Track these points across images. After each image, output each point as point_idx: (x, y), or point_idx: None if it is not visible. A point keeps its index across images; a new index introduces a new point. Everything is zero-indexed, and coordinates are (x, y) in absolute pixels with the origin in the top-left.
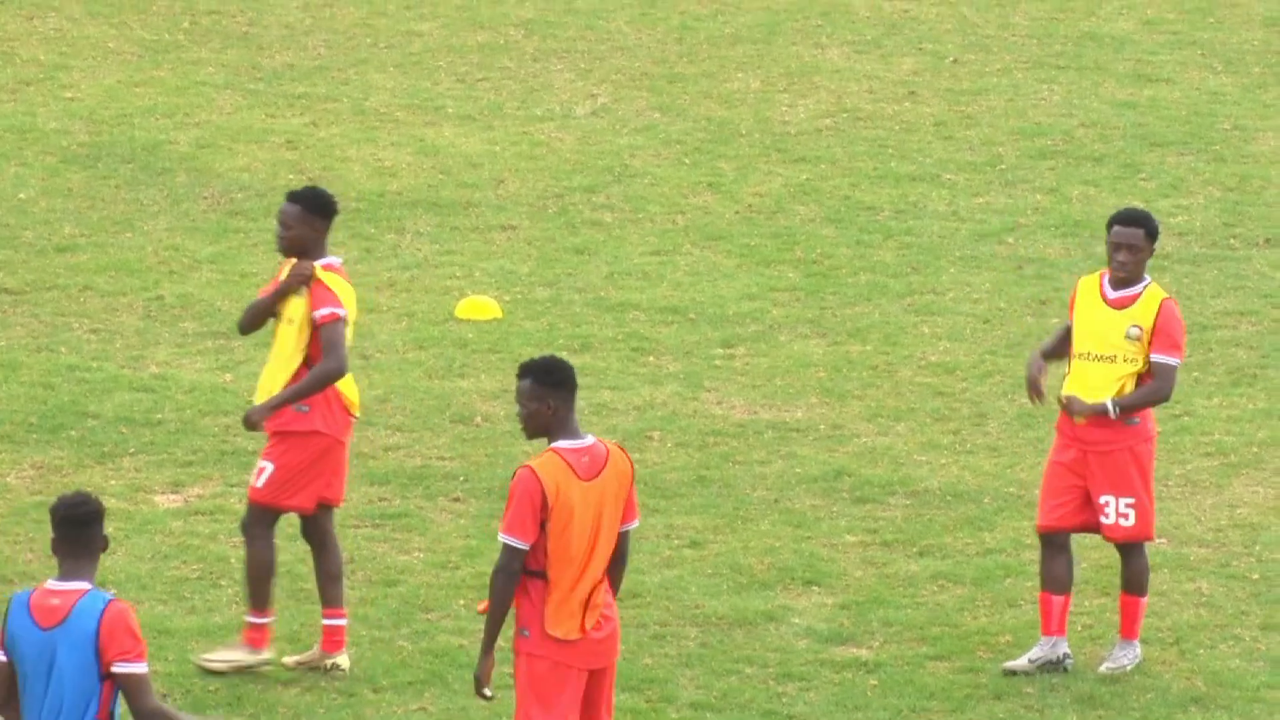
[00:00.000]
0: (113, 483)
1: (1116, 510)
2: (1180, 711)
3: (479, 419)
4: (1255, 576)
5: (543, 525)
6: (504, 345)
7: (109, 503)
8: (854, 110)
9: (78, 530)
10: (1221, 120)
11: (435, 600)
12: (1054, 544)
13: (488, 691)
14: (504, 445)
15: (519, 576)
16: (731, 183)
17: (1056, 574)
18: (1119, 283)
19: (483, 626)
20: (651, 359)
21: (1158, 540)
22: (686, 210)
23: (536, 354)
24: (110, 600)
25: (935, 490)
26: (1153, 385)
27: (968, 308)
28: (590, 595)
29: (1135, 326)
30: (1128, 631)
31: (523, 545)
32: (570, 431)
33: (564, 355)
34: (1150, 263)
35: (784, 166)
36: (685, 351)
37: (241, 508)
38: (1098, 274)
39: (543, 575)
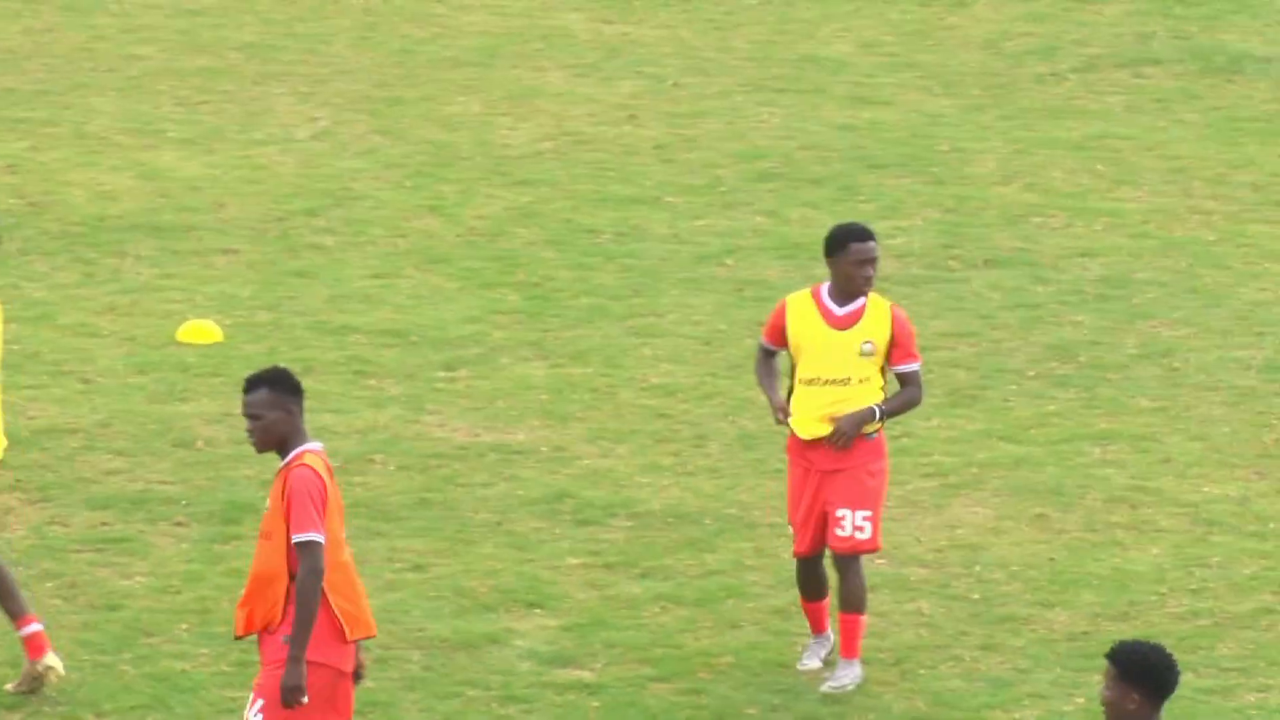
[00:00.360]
0: None
1: (853, 523)
2: None
3: (200, 443)
4: (975, 597)
5: None
6: (225, 369)
7: None
8: (574, 133)
9: None
10: (940, 142)
11: (158, 624)
12: (809, 563)
13: (305, 699)
14: (226, 469)
15: (323, 574)
16: (453, 206)
17: (814, 584)
18: (849, 298)
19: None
20: (373, 382)
21: (877, 560)
22: (408, 233)
23: None
24: None
25: (657, 512)
26: (909, 391)
27: (688, 330)
28: (360, 595)
29: (868, 343)
30: (848, 651)
31: (323, 539)
32: (307, 437)
33: None
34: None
35: (505, 189)
36: (407, 374)
37: None
38: (806, 293)
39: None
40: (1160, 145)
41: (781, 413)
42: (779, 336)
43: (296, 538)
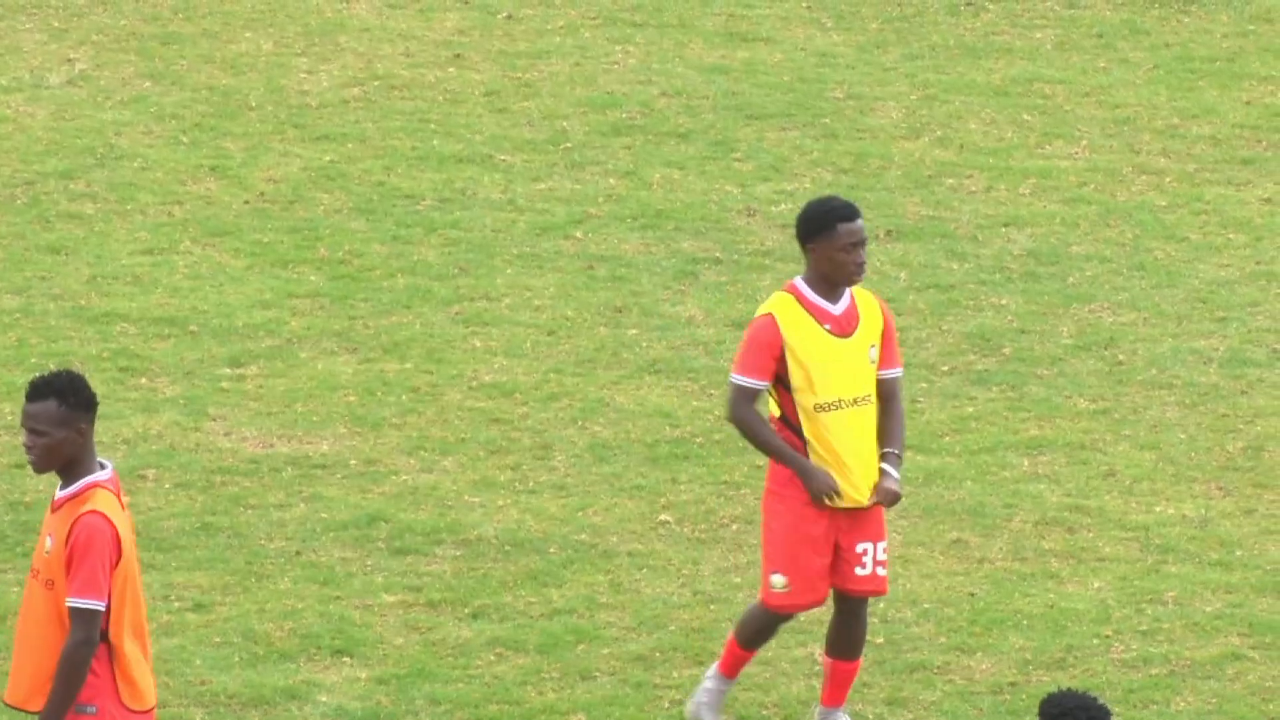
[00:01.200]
0: None
1: (874, 558)
2: None
3: None
4: (879, 640)
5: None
6: None
7: None
8: (387, 78)
9: None
10: (832, 88)
11: None
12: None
13: None
14: None
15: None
16: (240, 166)
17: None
18: (838, 292)
19: None
20: (144, 381)
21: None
22: (185, 200)
23: (4, 376)
24: None
25: (491, 539)
26: (897, 408)
27: (528, 316)
28: (144, 657)
29: (873, 347)
30: (837, 699)
31: (103, 606)
32: (95, 461)
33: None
34: (748, 262)
35: (303, 146)
36: (185, 372)
37: None
38: (785, 297)
39: (104, 638)
40: (1100, 91)
41: (835, 494)
42: (773, 364)
43: (74, 603)
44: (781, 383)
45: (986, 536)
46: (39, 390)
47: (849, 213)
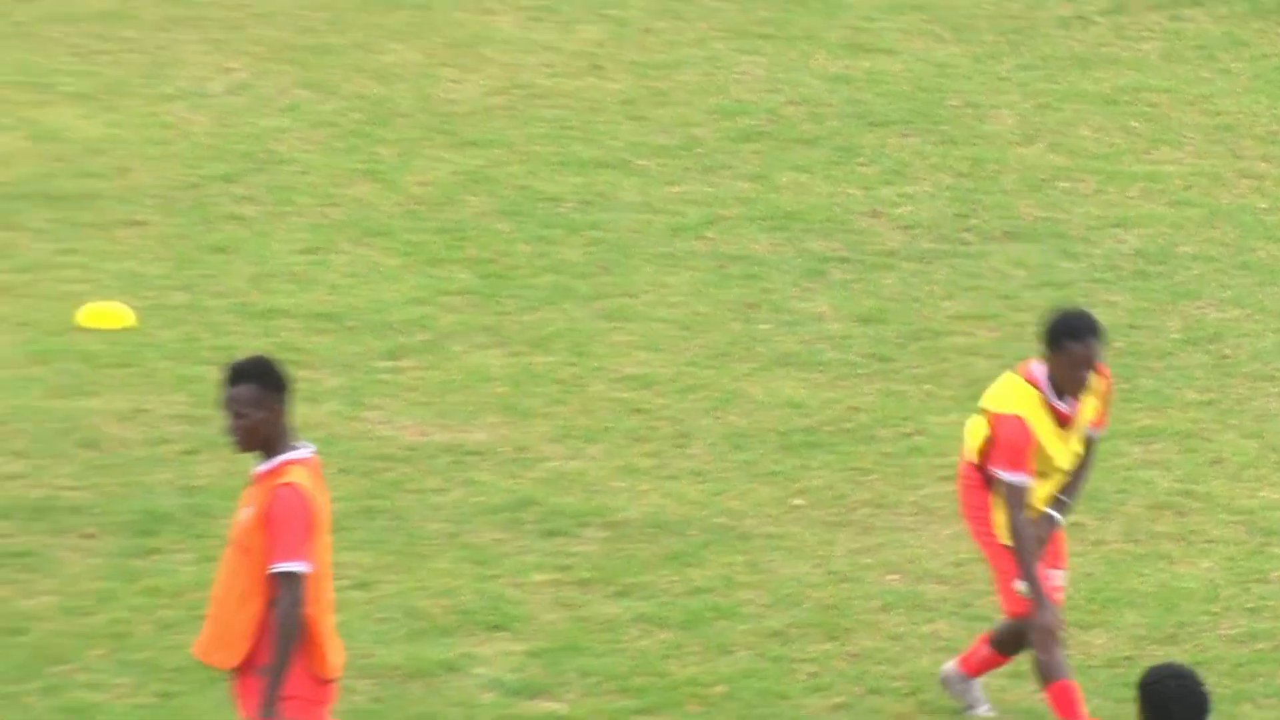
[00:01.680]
0: None
1: (1059, 585)
2: None
3: (110, 443)
4: (1000, 617)
5: None
6: (136, 358)
7: None
8: (530, 87)
9: None
10: (950, 96)
11: (67, 650)
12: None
13: None
14: (140, 473)
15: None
16: (392, 170)
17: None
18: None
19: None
20: (307, 373)
21: (888, 576)
22: (341, 202)
23: (174, 369)
24: None
25: (634, 521)
26: (1089, 461)
27: (665, 312)
28: (332, 622)
29: (1088, 422)
30: (976, 671)
31: (309, 569)
32: (292, 439)
33: (205, 369)
34: (873, 261)
35: (452, 151)
36: (345, 364)
37: None
38: (1030, 394)
39: None
40: (1203, 99)
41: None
42: (1031, 458)
43: (278, 568)
44: None
45: (1102, 520)
46: (238, 375)
47: (1083, 333)
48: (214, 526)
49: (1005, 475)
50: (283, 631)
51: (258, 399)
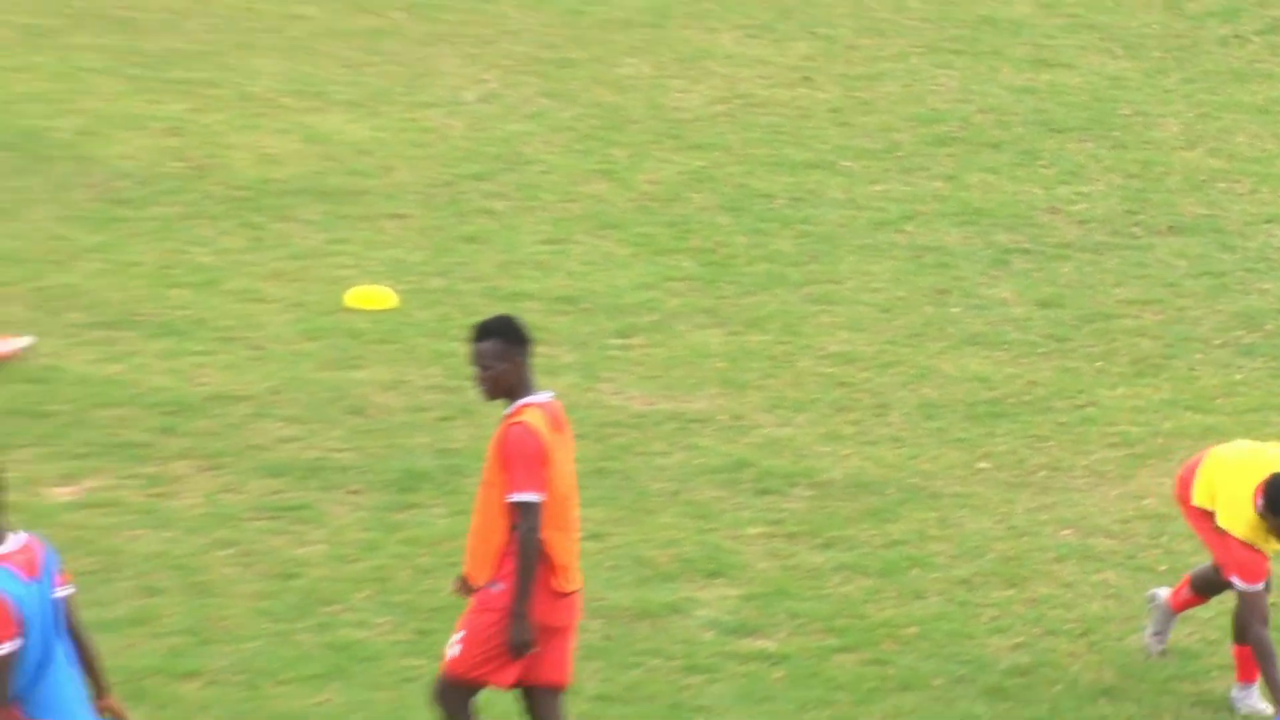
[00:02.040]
0: (7, 474)
1: None
2: (1089, 704)
3: (374, 409)
4: (1163, 568)
5: None
6: (397, 336)
7: None
8: (747, 96)
9: None
10: (1122, 106)
11: (335, 593)
12: None
13: (535, 648)
14: (400, 437)
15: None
16: (625, 170)
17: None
18: None
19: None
20: (547, 350)
21: (1063, 532)
22: (579, 198)
23: (431, 345)
24: None
25: (838, 481)
26: None
27: (867, 297)
28: (574, 548)
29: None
30: (1250, 676)
31: (541, 498)
32: (533, 387)
33: (459, 345)
34: (1051, 252)
35: (678, 153)
36: (580, 342)
37: (137, 500)
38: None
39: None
40: None
41: None
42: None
43: (513, 498)
44: None
45: None
46: (483, 332)
47: None
48: (466, 484)
49: (1239, 584)
50: (523, 554)
51: (500, 352)
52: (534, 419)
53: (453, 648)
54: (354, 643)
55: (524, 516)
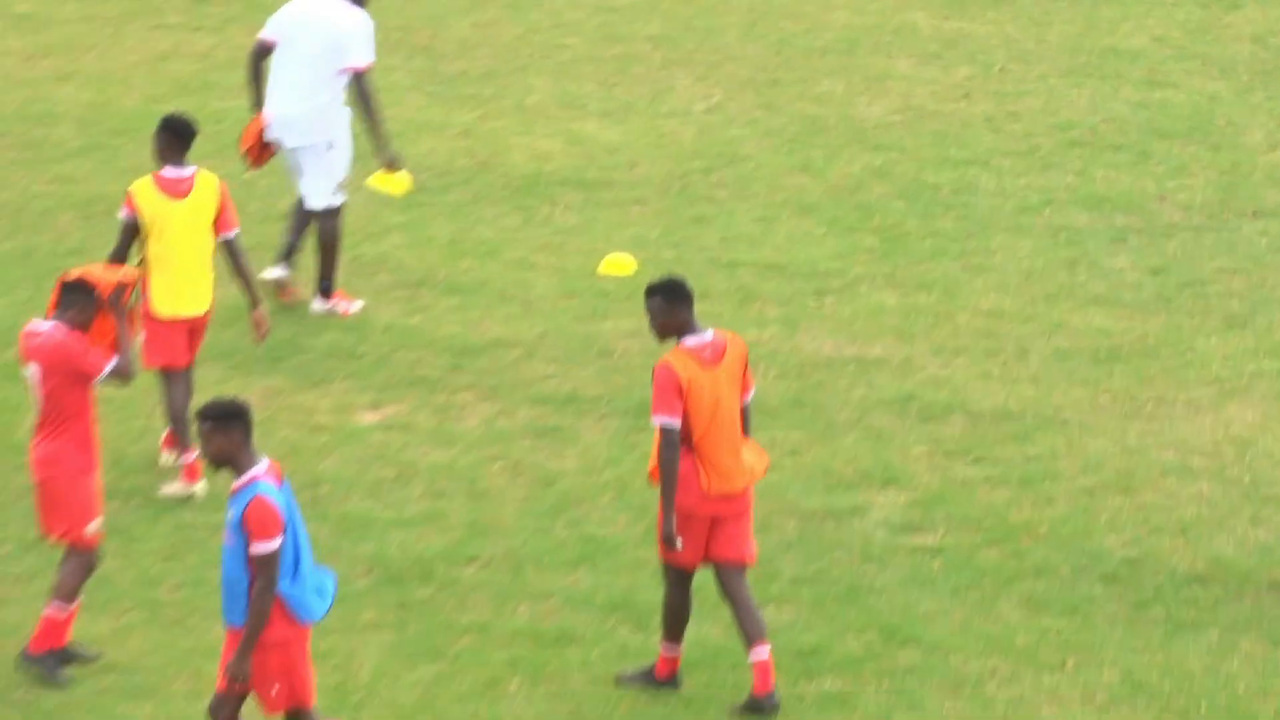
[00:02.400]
0: (324, 403)
1: None
2: (1184, 587)
3: (617, 353)
4: (1246, 480)
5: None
6: (637, 295)
7: (321, 419)
8: (919, 109)
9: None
10: (1218, 118)
11: (585, 496)
12: None
13: (679, 543)
14: (639, 374)
15: (679, 447)
16: (821, 166)
17: None
18: None
19: (656, 506)
20: (757, 306)
21: (1165, 453)
22: (784, 188)
23: None
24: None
25: (986, 411)
26: None
27: (1013, 266)
28: (728, 457)
29: None
30: None
31: (674, 421)
32: (693, 330)
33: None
34: (1160, 231)
35: (864, 153)
36: (784, 301)
37: (428, 424)
38: None
39: (687, 441)
40: None
41: None
42: None
43: (653, 420)
44: None
45: None
46: (650, 291)
47: None
48: None
49: None
50: (662, 464)
51: (664, 308)
52: (676, 358)
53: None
54: (598, 536)
55: (662, 435)
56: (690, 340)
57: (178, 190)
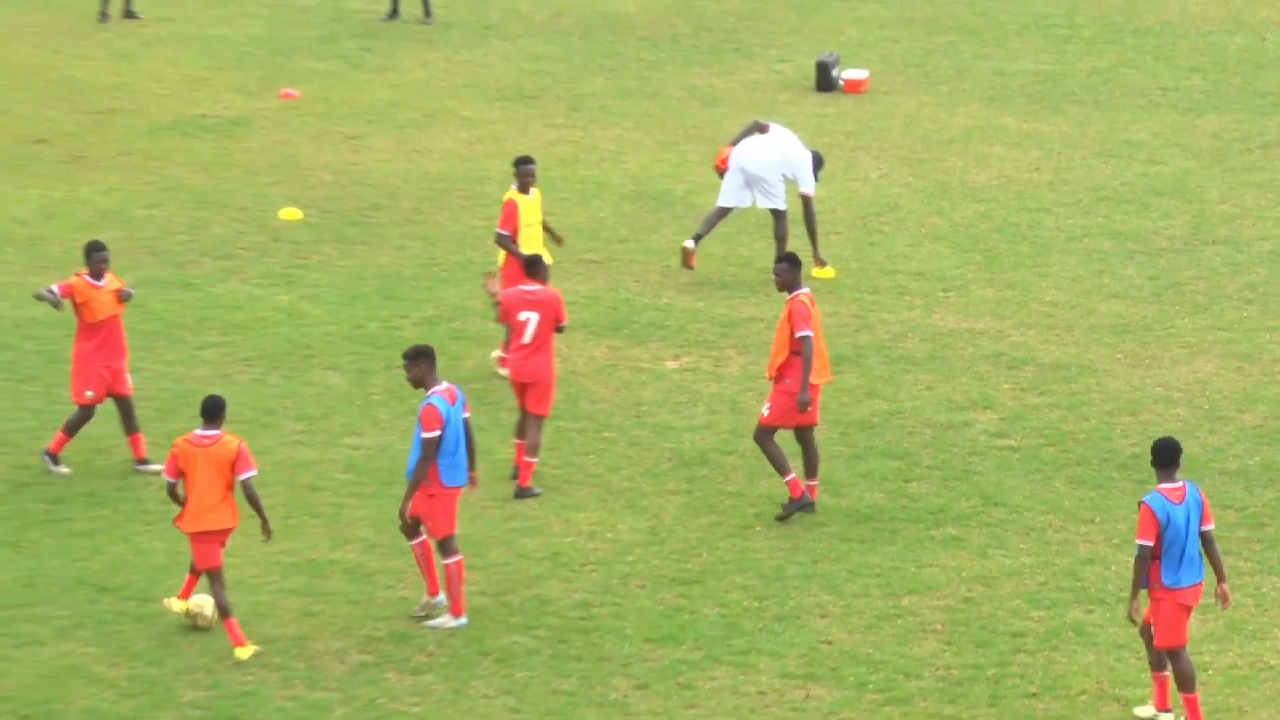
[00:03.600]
0: (644, 355)
1: None
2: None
3: None
4: (1206, 407)
5: None
6: (835, 291)
7: (643, 365)
8: (1008, 176)
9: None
10: (1190, 183)
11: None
12: None
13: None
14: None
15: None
16: (948, 212)
17: None
18: None
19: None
20: (907, 299)
21: (1156, 388)
22: (924, 225)
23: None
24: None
25: (1048, 363)
26: None
27: (1064, 274)
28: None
29: None
30: None
31: (812, 334)
32: (800, 286)
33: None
34: (1153, 252)
35: (973, 204)
36: (924, 295)
37: (707, 369)
38: None
39: None
40: None
41: None
42: None
43: (797, 334)
44: None
45: None
46: (778, 259)
47: None
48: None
49: None
50: (804, 362)
51: (786, 270)
52: (803, 298)
53: (765, 409)
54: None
55: (802, 344)
56: (803, 290)
57: None
